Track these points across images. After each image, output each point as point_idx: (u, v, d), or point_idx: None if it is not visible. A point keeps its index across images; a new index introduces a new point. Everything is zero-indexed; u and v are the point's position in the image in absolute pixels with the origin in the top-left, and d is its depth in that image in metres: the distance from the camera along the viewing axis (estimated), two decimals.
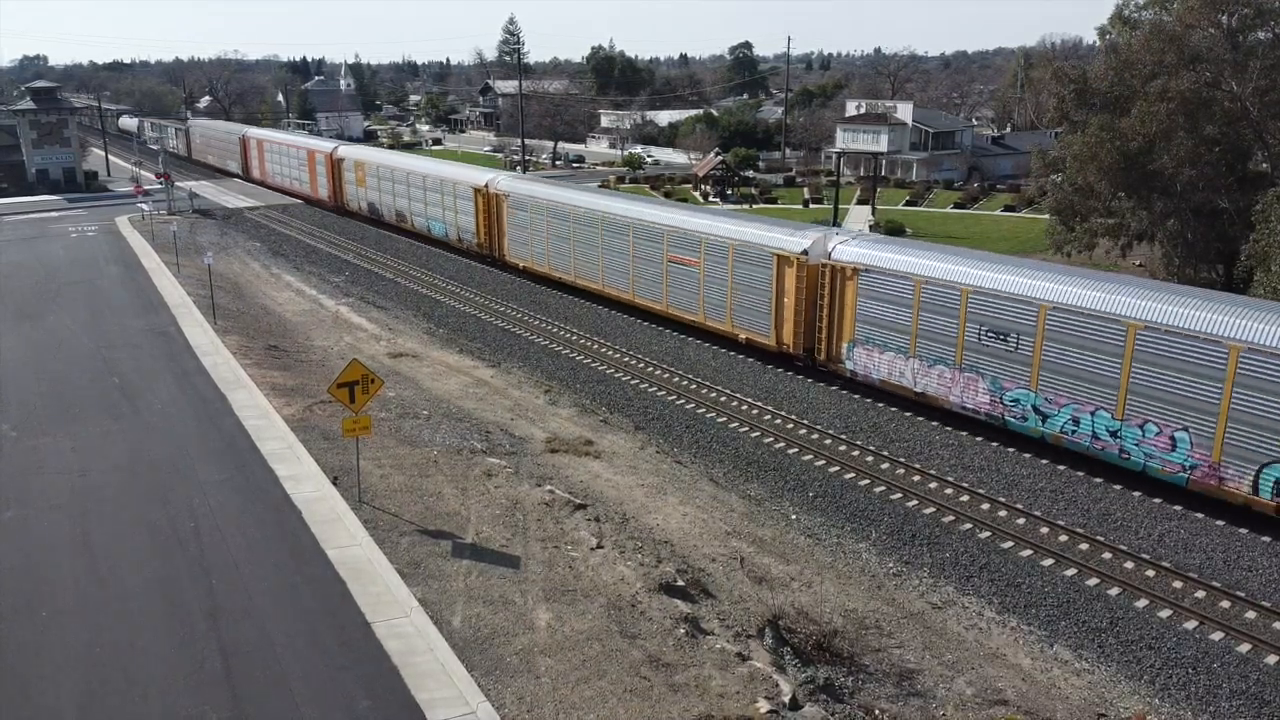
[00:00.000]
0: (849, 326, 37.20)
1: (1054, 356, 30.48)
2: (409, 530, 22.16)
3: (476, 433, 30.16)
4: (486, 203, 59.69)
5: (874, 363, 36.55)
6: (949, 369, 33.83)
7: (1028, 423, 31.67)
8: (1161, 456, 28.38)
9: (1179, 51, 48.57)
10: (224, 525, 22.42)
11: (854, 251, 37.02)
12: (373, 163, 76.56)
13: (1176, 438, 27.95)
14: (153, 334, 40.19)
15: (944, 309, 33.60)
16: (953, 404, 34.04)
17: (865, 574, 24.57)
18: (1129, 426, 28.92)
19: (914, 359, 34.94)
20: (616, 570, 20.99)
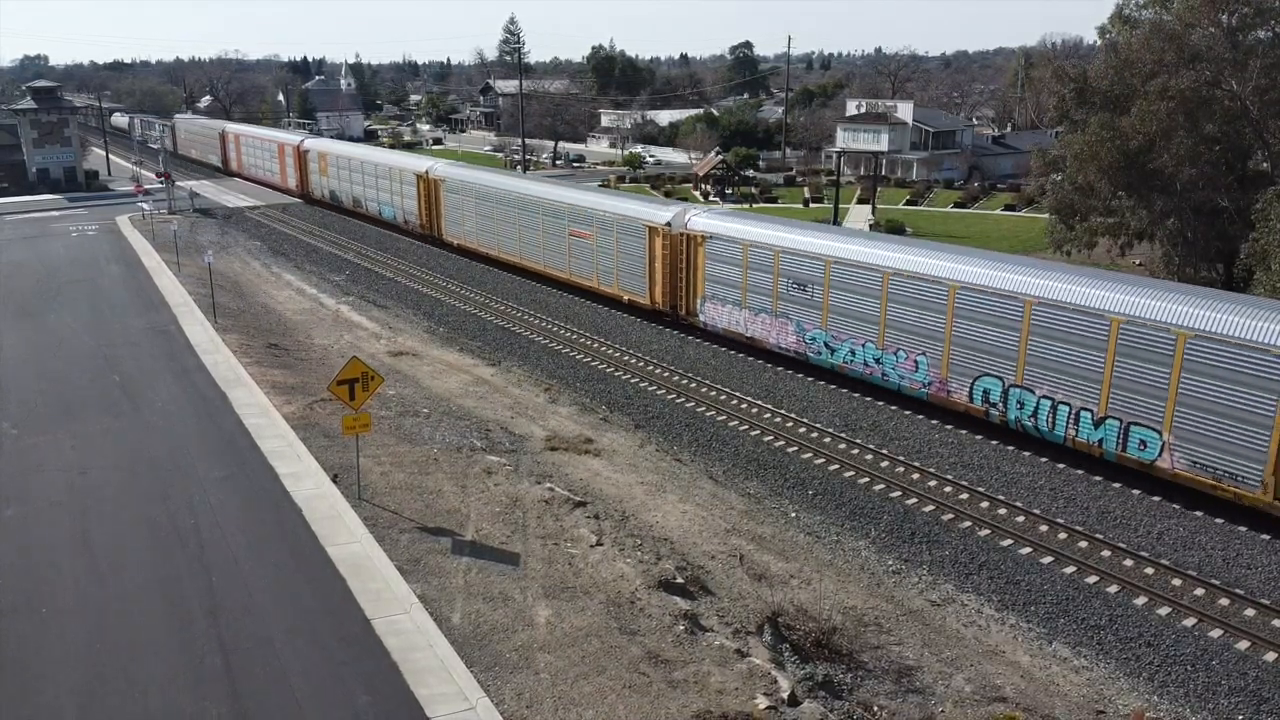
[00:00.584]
0: (700, 285, 43.98)
1: (837, 302, 37.68)
2: (409, 527, 22.19)
3: (476, 431, 30.20)
4: (427, 187, 65.82)
5: (719, 314, 43.32)
6: (769, 316, 40.75)
7: (821, 356, 38.81)
8: (909, 377, 35.34)
9: (1179, 50, 48.58)
10: (224, 523, 22.46)
11: (703, 222, 43.90)
12: (333, 154, 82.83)
13: (918, 361, 34.94)
14: (153, 332, 40.22)
15: (764, 267, 40.53)
16: (771, 345, 40.96)
17: (864, 571, 24.59)
18: (887, 354, 36.02)
19: (745, 309, 41.80)
20: (616, 567, 21.02)
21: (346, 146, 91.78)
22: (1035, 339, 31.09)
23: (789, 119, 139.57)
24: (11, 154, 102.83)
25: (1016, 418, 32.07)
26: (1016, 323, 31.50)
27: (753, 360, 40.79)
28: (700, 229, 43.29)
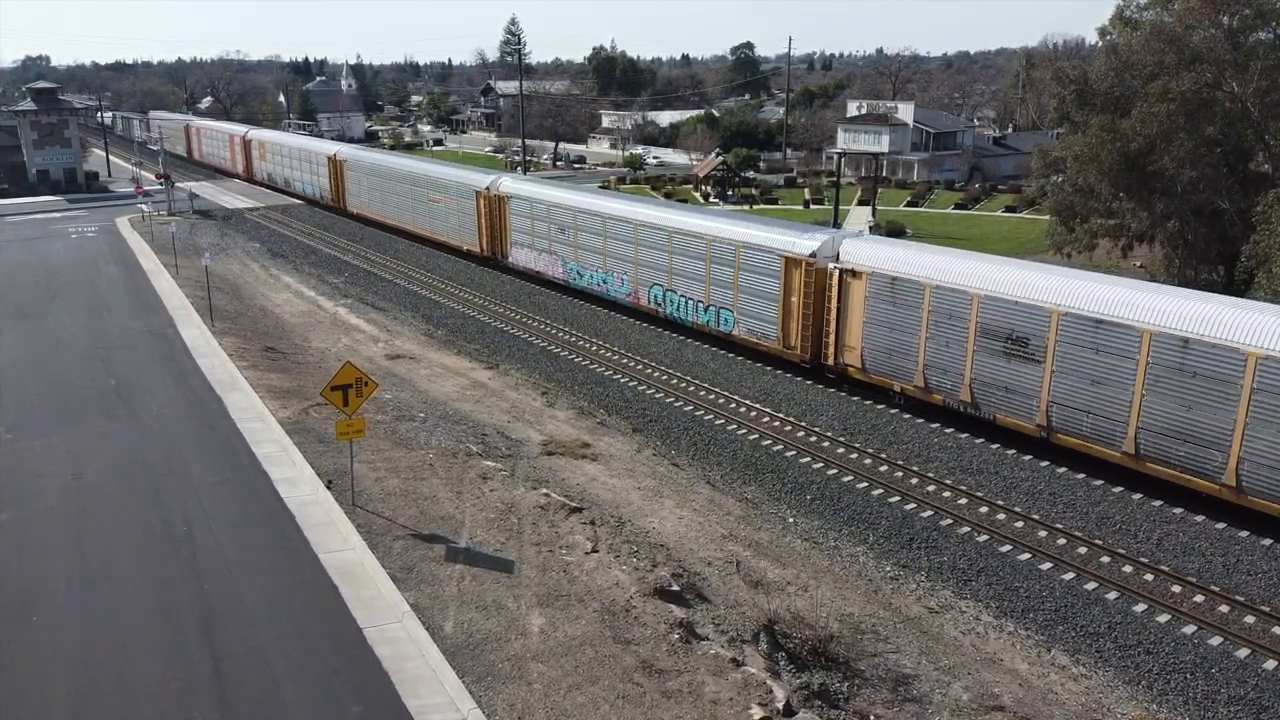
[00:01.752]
0: (508, 235, 58.20)
1: (582, 241, 51.48)
2: (403, 534, 22.05)
3: (473, 435, 30.06)
4: (335, 168, 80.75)
5: (522, 257, 57.31)
6: (548, 255, 54.71)
7: (575, 281, 52.75)
8: (619, 291, 49.06)
9: (1180, 52, 48.38)
10: (217, 528, 22.33)
11: (509, 185, 58.95)
12: (270, 142, 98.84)
13: (625, 279, 48.57)
14: (150, 335, 40.11)
15: (545, 218, 54.37)
16: (550, 276, 54.93)
17: (862, 578, 24.45)
18: (610, 276, 49.79)
19: (535, 251, 55.88)
20: (611, 574, 20.88)
21: (279, 136, 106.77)
22: (676, 257, 45.11)
23: (790, 120, 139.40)
24: (11, 155, 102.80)
25: (668, 312, 46.16)
26: (665, 247, 45.62)
27: (752, 363, 40.69)
28: (507, 191, 58.15)
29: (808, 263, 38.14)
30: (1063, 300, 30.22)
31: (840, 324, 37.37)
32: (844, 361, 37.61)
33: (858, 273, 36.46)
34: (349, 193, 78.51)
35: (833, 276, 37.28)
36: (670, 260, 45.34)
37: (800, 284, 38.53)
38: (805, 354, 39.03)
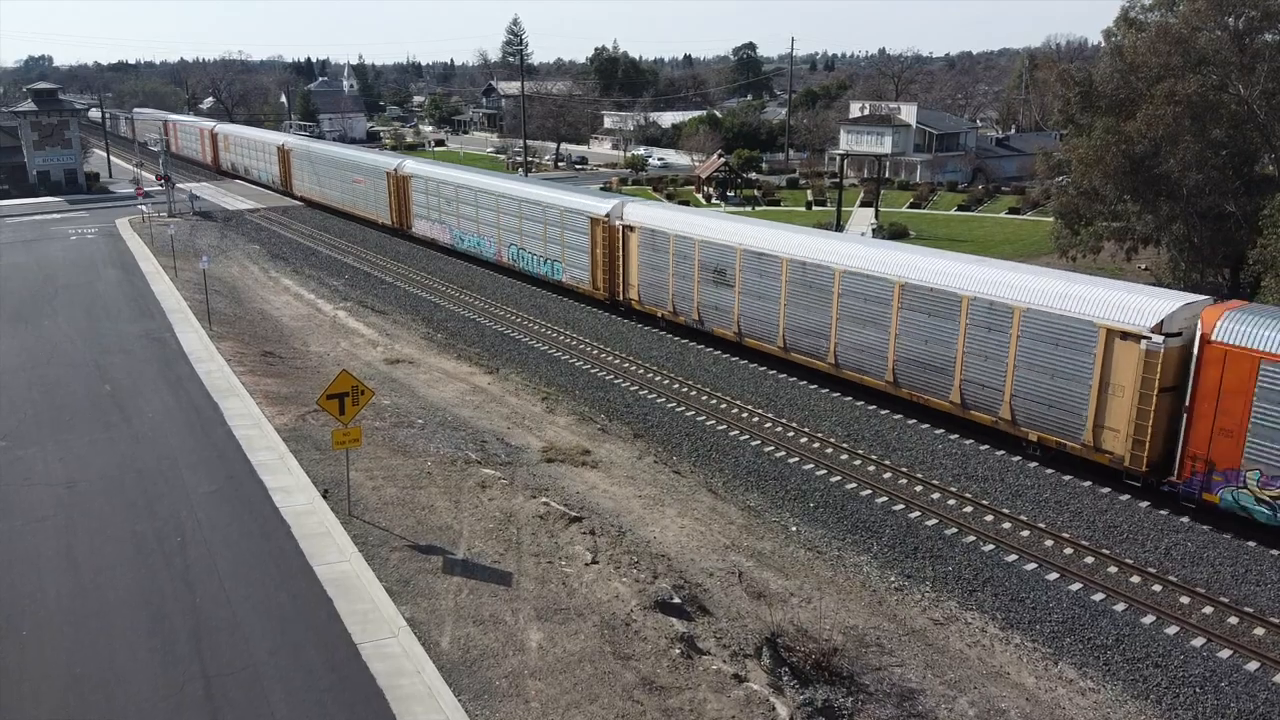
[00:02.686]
0: (412, 210, 68.29)
1: (462, 212, 62.25)
2: (399, 545, 21.70)
3: (472, 442, 29.70)
4: (283, 156, 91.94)
5: (422, 227, 67.55)
6: (439, 224, 65.29)
7: (458, 246, 63.39)
8: (489, 251, 59.85)
9: (1185, 54, 48.01)
10: (211, 539, 21.98)
11: (410, 167, 70.26)
12: (233, 135, 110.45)
13: (491, 241, 59.50)
14: (147, 339, 39.78)
15: (436, 193, 65.23)
16: (440, 241, 65.58)
17: (866, 588, 24.08)
18: (482, 240, 60.40)
19: (431, 222, 66.23)
20: (611, 587, 20.53)
21: (239, 129, 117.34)
22: (524, 222, 55.64)
23: (792, 121, 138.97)
24: (12, 156, 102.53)
25: (521, 266, 56.59)
26: (517, 214, 56.28)
27: (754, 368, 40.37)
28: (409, 172, 69.08)
29: (604, 221, 48.81)
30: (744, 241, 41.16)
31: (625, 267, 48.12)
32: (628, 297, 48.31)
33: (632, 227, 47.21)
34: (294, 178, 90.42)
35: (619, 231, 47.83)
36: (520, 224, 56.55)
37: (600, 238, 49.24)
38: (606, 293, 49.74)
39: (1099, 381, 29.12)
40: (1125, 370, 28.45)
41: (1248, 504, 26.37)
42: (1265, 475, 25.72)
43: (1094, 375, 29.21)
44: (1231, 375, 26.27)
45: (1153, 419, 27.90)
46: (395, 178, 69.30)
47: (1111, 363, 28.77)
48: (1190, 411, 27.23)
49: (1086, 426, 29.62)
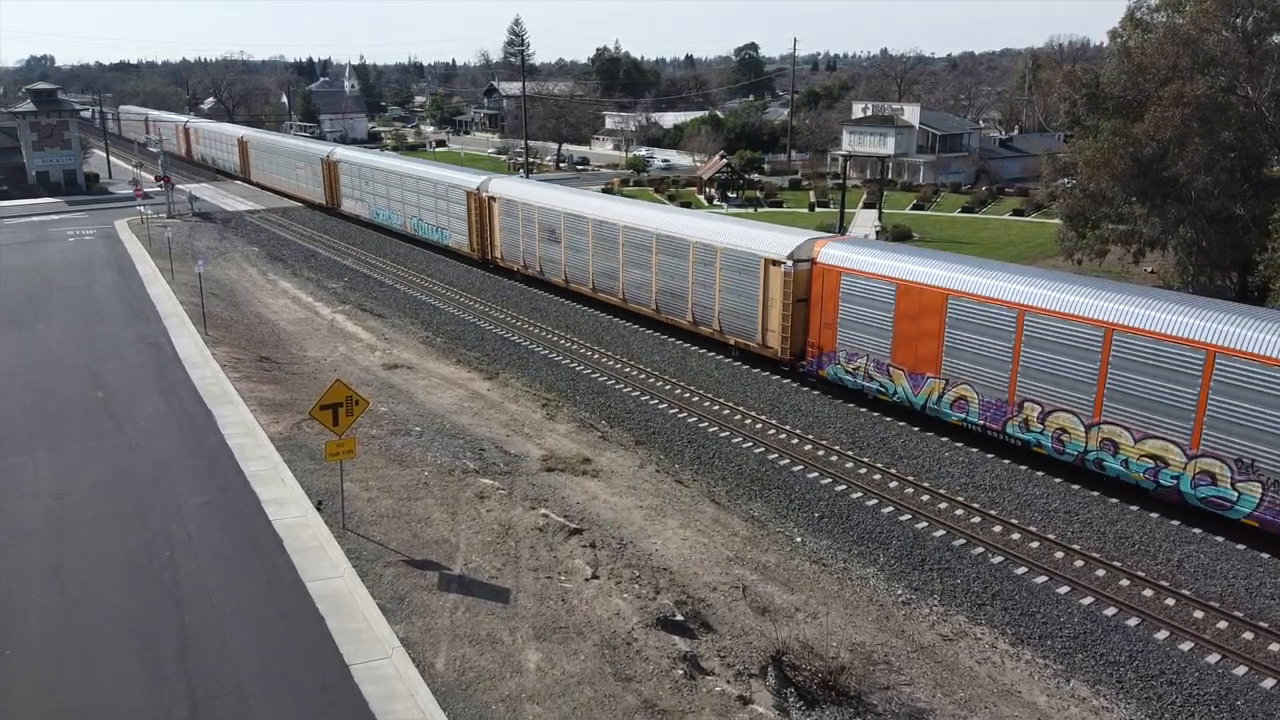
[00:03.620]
0: (341, 190, 79.36)
1: (376, 190, 72.57)
2: (394, 560, 21.13)
3: (470, 450, 29.14)
4: (242, 147, 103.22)
5: (349, 205, 78.16)
6: (360, 202, 75.68)
7: (374, 219, 73.61)
8: (396, 223, 69.72)
9: (1194, 55, 47.41)
10: (201, 554, 21.43)
11: (339, 154, 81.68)
12: (202, 129, 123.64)
13: (398, 215, 69.11)
14: (142, 344, 39.26)
15: (359, 175, 75.59)
16: (362, 216, 75.67)
17: (873, 603, 23.53)
18: (392, 213, 70.43)
19: (355, 200, 76.54)
20: (612, 603, 19.98)
21: (207, 123, 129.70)
22: (421, 197, 66.04)
23: (794, 121, 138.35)
24: (11, 156, 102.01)
25: (421, 235, 66.69)
26: (415, 189, 66.89)
27: (757, 373, 39.83)
28: (337, 158, 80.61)
29: (476, 194, 59.79)
30: (566, 207, 52.14)
31: (492, 233, 59.12)
32: (494, 257, 59.45)
33: (495, 198, 58.47)
34: (252, 167, 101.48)
35: (486, 202, 58.96)
36: (418, 199, 66.71)
37: (473, 208, 60.04)
38: (479, 254, 60.52)
39: (763, 298, 39.51)
40: (776, 288, 38.84)
41: (841, 375, 37.06)
42: (848, 353, 36.49)
43: (759, 293, 39.60)
44: (828, 285, 36.99)
45: (792, 321, 38.41)
46: (328, 163, 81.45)
47: (768, 283, 39.22)
48: (812, 314, 37.95)
49: (759, 330, 40.06)
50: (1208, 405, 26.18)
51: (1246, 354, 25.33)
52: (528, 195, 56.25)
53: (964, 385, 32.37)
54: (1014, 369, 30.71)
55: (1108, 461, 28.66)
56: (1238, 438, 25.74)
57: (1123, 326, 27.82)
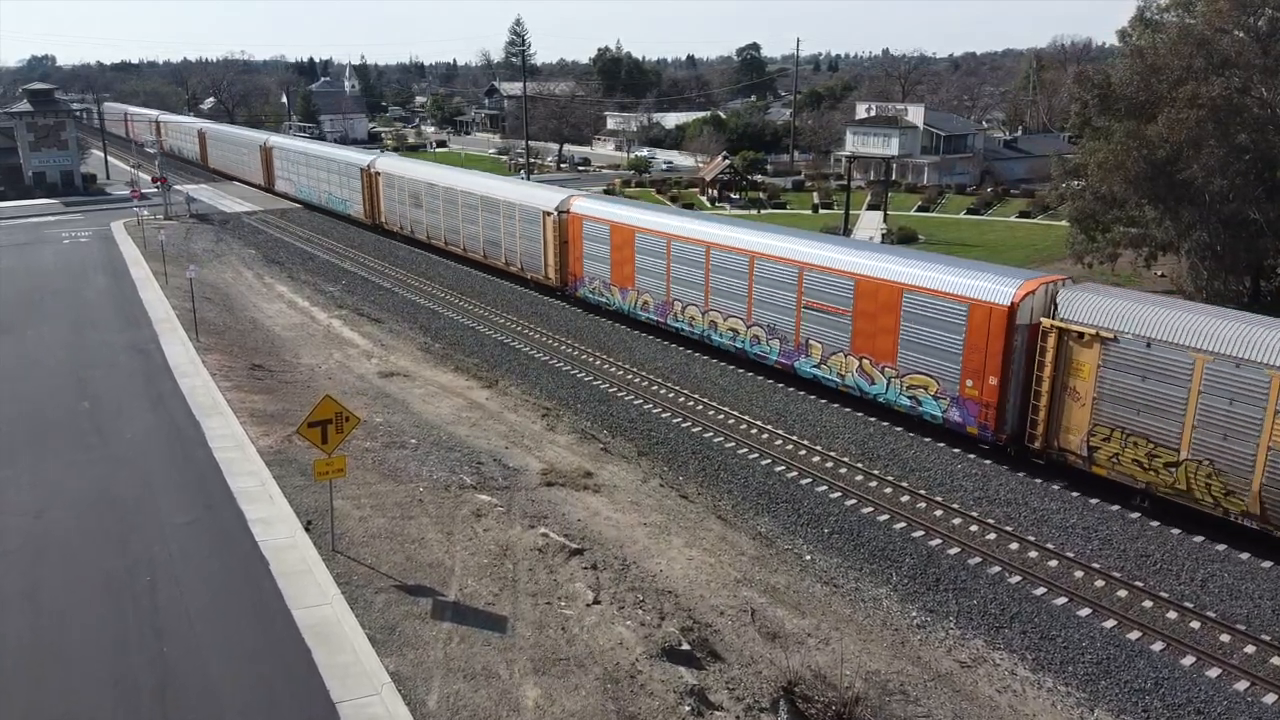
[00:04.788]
0: (275, 173, 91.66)
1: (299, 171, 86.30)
2: (385, 586, 20.11)
3: (467, 464, 28.13)
4: (201, 139, 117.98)
5: (281, 185, 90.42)
6: (289, 181, 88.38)
7: (298, 195, 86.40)
8: (312, 197, 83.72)
9: (1208, 55, 46.41)
10: (183, 578, 20.41)
11: (274, 141, 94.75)
12: (169, 123, 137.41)
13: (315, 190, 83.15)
14: (132, 351, 38.27)
15: (288, 159, 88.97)
16: (291, 195, 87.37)
17: (887, 627, 22.53)
18: (312, 190, 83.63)
19: (286, 180, 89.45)
20: (614, 631, 18.98)
21: (177, 118, 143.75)
22: (330, 175, 79.06)
23: (797, 121, 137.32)
24: (8, 157, 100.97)
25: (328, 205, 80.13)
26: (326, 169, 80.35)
27: (762, 380, 38.86)
28: (271, 145, 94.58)
29: (366, 171, 73.52)
30: (428, 179, 66.03)
31: (379, 201, 72.27)
32: (382, 221, 72.24)
33: (379, 173, 71.89)
34: (210, 156, 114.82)
35: (375, 177, 72.18)
36: (327, 177, 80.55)
37: (365, 182, 73.81)
38: (370, 220, 74.04)
39: (544, 241, 52.72)
40: (550, 233, 51.99)
41: (587, 294, 49.72)
42: (589, 277, 49.27)
43: (543, 239, 52.79)
44: (575, 229, 49.96)
45: (558, 258, 51.80)
46: (264, 149, 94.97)
47: (546, 230, 52.36)
48: (568, 251, 50.86)
49: (543, 266, 53.29)
50: (754, 291, 39.17)
51: (771, 256, 38.42)
52: (401, 170, 70.98)
53: (648, 294, 45.40)
54: (668, 281, 43.80)
55: (715, 336, 41.70)
56: (766, 312, 38.77)
57: (716, 244, 41.11)
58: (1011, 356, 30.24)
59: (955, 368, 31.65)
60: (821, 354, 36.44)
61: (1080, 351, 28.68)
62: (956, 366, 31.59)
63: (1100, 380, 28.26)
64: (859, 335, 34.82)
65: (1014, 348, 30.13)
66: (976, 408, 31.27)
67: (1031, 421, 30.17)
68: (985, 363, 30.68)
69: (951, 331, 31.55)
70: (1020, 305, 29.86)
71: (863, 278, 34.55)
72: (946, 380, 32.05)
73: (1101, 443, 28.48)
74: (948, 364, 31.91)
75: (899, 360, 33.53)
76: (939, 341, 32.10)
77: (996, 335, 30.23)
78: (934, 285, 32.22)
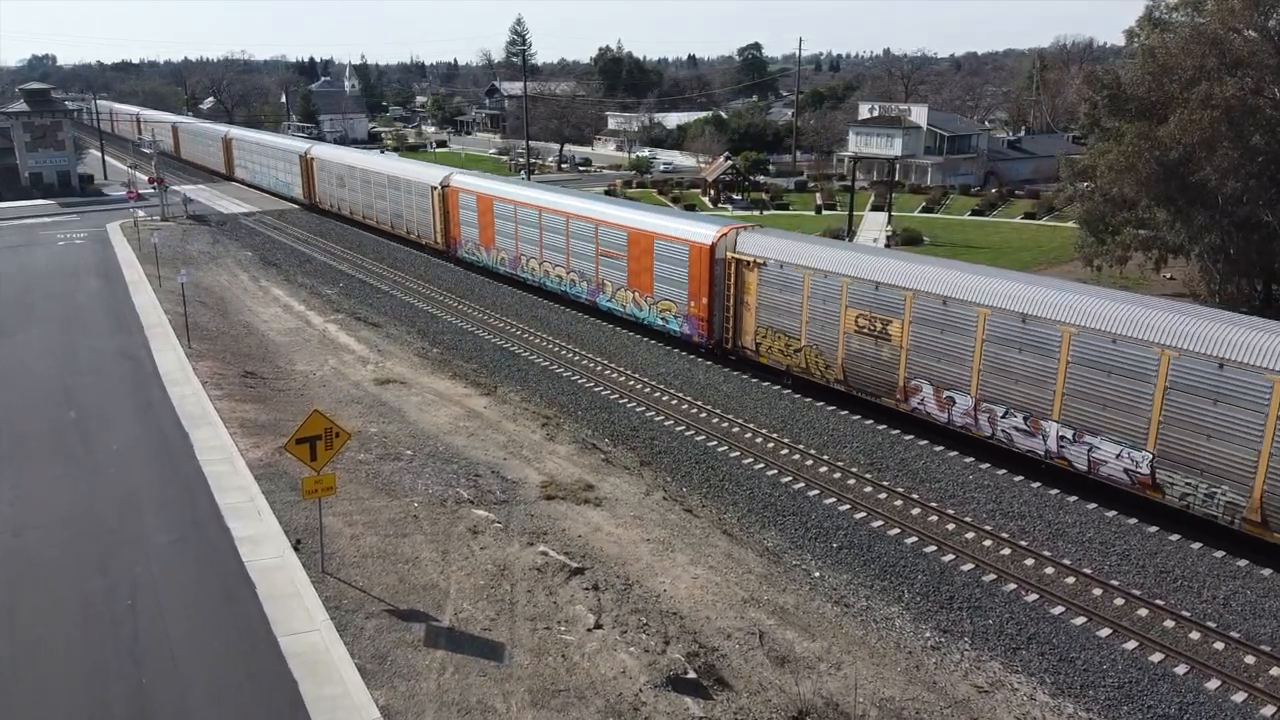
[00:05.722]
0: (235, 163, 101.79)
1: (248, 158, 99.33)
2: (377, 610, 19.19)
3: (464, 477, 27.22)
4: (175, 133, 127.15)
5: (240, 173, 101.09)
6: (246, 169, 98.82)
7: (251, 181, 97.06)
8: (265, 183, 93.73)
9: (1221, 55, 45.50)
10: (165, 602, 19.48)
11: (234, 134, 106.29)
12: (149, 118, 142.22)
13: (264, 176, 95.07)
14: (121, 358, 37.36)
15: (245, 149, 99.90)
16: (246, 180, 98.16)
17: (901, 649, 21.62)
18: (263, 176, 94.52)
19: (245, 169, 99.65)
20: (617, 659, 18.09)
21: (154, 114, 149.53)
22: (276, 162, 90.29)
23: (799, 122, 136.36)
24: (4, 158, 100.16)
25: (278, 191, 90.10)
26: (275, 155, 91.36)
27: (766, 386, 37.98)
28: (232, 137, 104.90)
29: (303, 157, 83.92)
30: (354, 164, 75.41)
31: (314, 184, 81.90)
32: (316, 200, 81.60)
33: (314, 159, 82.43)
34: (182, 148, 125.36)
35: (311, 163, 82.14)
36: (275, 164, 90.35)
37: (301, 168, 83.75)
38: (307, 199, 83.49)
39: (432, 211, 62.45)
40: (437, 205, 61.72)
41: (463, 255, 59.67)
42: (465, 240, 59.17)
43: (431, 209, 62.43)
44: (453, 200, 60.16)
45: (443, 224, 61.48)
46: (225, 141, 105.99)
47: (435, 202, 62.00)
48: (449, 219, 60.75)
49: (433, 233, 62.95)
50: (570, 245, 49.10)
51: (579, 216, 48.50)
52: (329, 156, 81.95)
53: (503, 251, 55.25)
54: (516, 240, 53.81)
55: (548, 283, 51.49)
56: (578, 260, 48.73)
57: (545, 209, 51.16)
58: (714, 282, 40.28)
59: (684, 293, 41.83)
60: (612, 291, 46.52)
61: (748, 275, 38.83)
62: (684, 292, 41.78)
63: (759, 295, 38.50)
64: (632, 274, 44.92)
65: (715, 276, 40.13)
66: (697, 322, 41.39)
67: (725, 329, 40.33)
68: (699, 288, 40.84)
69: (681, 265, 41.71)
70: (718, 244, 40.02)
71: (632, 229, 44.69)
72: (680, 303, 42.10)
73: (762, 339, 38.88)
74: (680, 290, 42.08)
75: (655, 291, 43.64)
76: (675, 274, 42.20)
77: (705, 266, 40.27)
78: (670, 232, 42.61)
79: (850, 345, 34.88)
